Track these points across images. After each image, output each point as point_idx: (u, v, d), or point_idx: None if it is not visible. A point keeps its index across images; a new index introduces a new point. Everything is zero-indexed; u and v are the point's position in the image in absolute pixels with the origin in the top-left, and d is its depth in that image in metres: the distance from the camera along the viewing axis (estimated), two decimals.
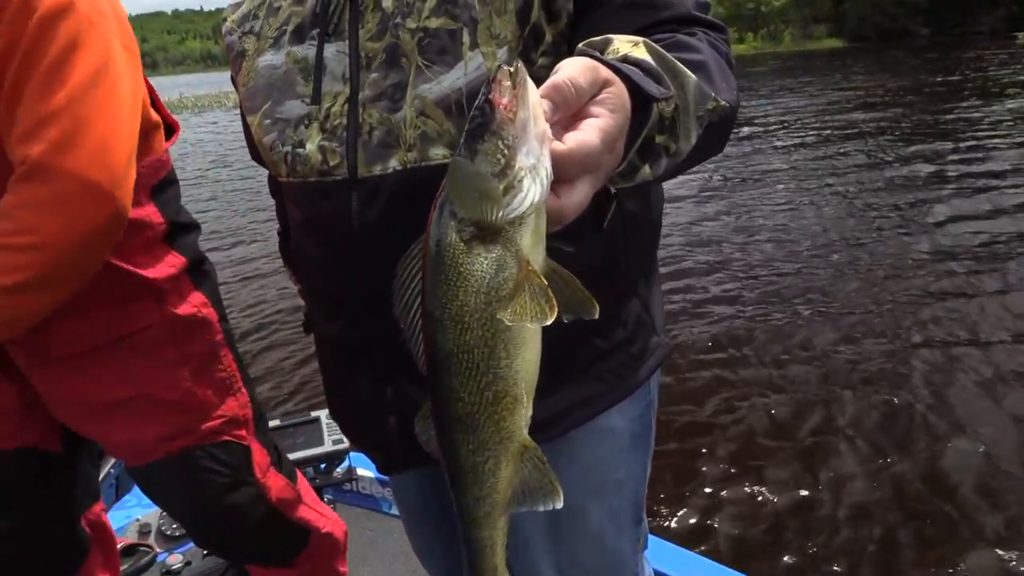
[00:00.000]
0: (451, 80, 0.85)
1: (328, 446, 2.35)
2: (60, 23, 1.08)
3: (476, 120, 0.52)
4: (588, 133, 0.54)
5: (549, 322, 0.50)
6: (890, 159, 9.72)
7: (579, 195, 0.55)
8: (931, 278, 5.21)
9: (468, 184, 0.50)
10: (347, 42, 0.92)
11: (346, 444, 2.38)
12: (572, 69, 0.56)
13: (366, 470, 2.59)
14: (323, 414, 2.47)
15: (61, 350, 1.33)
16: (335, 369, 1.11)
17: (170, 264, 1.41)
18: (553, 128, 0.54)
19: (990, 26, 54.92)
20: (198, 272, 1.49)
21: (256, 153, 1.20)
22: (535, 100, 0.52)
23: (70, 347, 1.33)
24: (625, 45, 0.66)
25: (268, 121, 0.99)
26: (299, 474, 1.77)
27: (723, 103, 0.74)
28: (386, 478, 2.53)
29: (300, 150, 0.95)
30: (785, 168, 9.56)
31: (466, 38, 0.85)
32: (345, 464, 2.51)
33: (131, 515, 2.43)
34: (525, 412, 0.56)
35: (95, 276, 1.20)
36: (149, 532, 2.36)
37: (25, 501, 1.47)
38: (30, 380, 1.40)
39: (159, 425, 1.44)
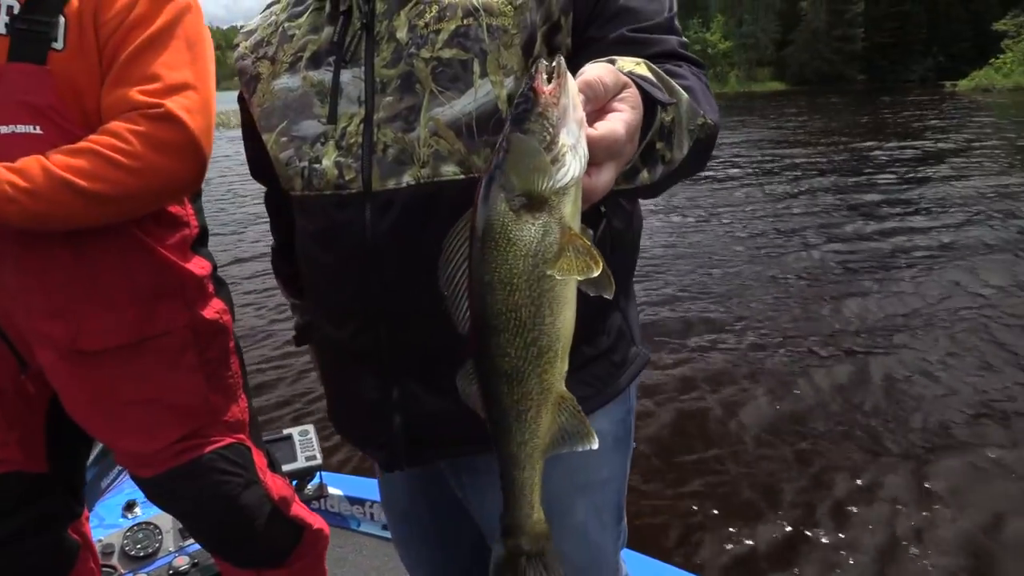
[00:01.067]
0: (462, 105, 0.93)
1: (301, 463, 2.35)
2: (187, 13, 1.31)
3: (521, 106, 0.59)
4: (615, 123, 0.62)
5: (597, 273, 0.57)
6: (807, 189, 10.89)
7: (607, 175, 0.63)
8: (842, 287, 6.17)
9: (523, 157, 0.57)
10: (363, 68, 0.99)
11: (318, 461, 2.39)
12: (600, 70, 0.64)
13: (336, 488, 2.59)
14: (295, 431, 2.48)
15: (88, 343, 1.33)
16: (341, 372, 1.15)
17: (200, 266, 1.45)
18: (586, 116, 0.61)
19: (920, 74, 58.14)
20: (218, 279, 1.52)
21: (258, 171, 1.27)
22: (575, 89, 0.60)
23: (98, 341, 1.34)
24: (629, 63, 0.75)
25: (285, 139, 1.06)
26: None
27: (709, 121, 0.84)
28: (356, 496, 2.55)
29: (316, 165, 1.01)
30: (715, 197, 10.37)
31: (476, 68, 0.93)
32: (316, 481, 2.51)
33: (93, 536, 2.38)
34: (563, 366, 0.63)
35: (137, 265, 1.31)
36: (112, 552, 2.31)
37: (12, 518, 1.47)
38: (49, 378, 1.39)
39: (173, 428, 1.44)
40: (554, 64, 0.60)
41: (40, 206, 1.14)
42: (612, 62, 0.76)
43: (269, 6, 1.19)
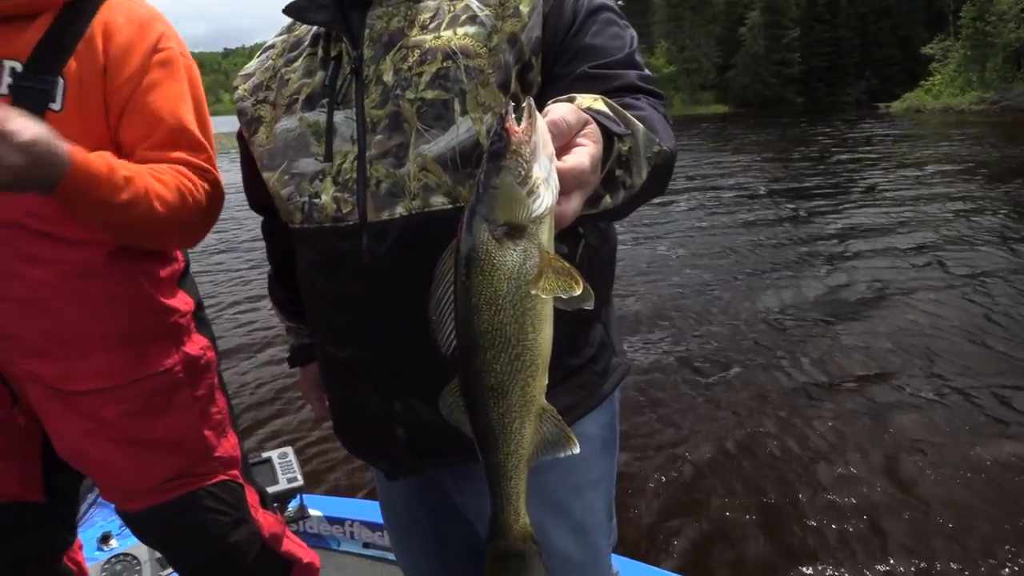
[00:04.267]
0: (446, 141, 1.01)
1: (282, 484, 2.37)
2: (192, 72, 1.40)
3: (496, 144, 0.66)
4: (580, 156, 0.70)
5: (578, 292, 0.63)
6: (747, 207, 11.38)
7: (575, 203, 0.70)
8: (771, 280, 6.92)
9: (502, 191, 0.63)
10: (354, 109, 1.07)
11: (300, 483, 2.41)
12: (563, 110, 0.72)
13: (316, 510, 2.60)
14: (275, 454, 2.49)
15: (78, 385, 1.34)
16: (345, 389, 1.21)
17: (184, 303, 1.47)
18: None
19: (855, 96, 60.55)
20: (200, 316, 1.54)
21: (255, 202, 1.34)
22: (544, 127, 0.67)
23: (88, 383, 1.34)
24: (588, 99, 0.83)
25: (286, 177, 1.13)
26: None
27: (665, 148, 0.93)
28: (336, 516, 2.56)
29: (316, 200, 1.09)
30: (661, 218, 10.70)
31: (457, 106, 1.02)
32: (296, 503, 2.52)
33: None
34: (543, 379, 0.68)
35: (127, 304, 1.34)
36: None
37: (11, 546, 1.46)
38: (38, 414, 1.39)
39: (163, 467, 1.45)
40: (524, 105, 0.66)
41: (120, 217, 1.19)
42: (572, 99, 0.83)
43: (265, 51, 1.26)
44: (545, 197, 0.64)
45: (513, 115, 0.66)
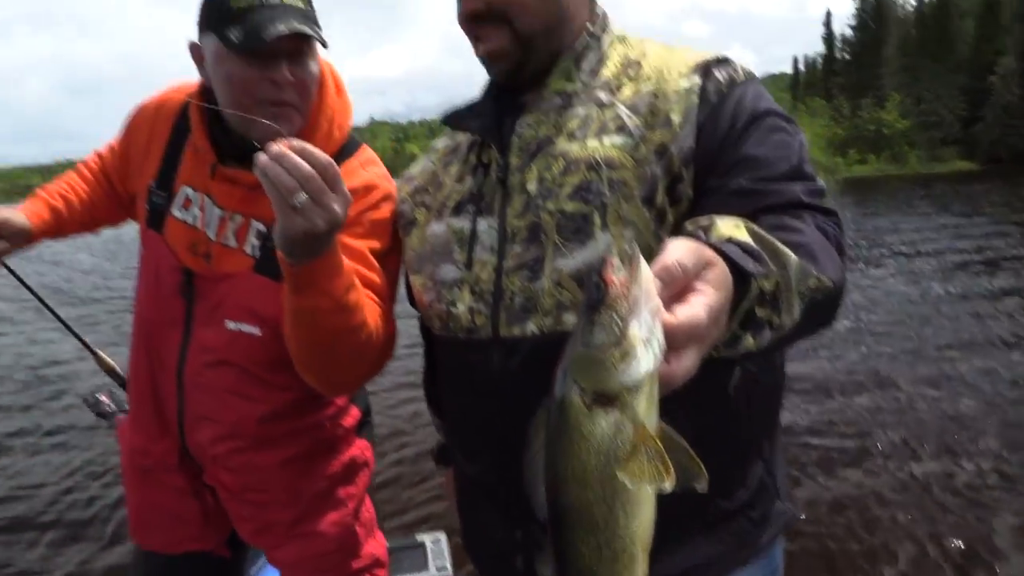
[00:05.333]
0: (584, 256, 0.95)
1: (432, 572, 2.37)
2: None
3: (591, 296, 0.59)
4: (696, 308, 0.60)
5: (668, 488, 0.53)
6: (987, 274, 9.44)
7: (688, 362, 0.60)
8: None
9: (591, 352, 0.56)
10: (496, 218, 1.05)
11: (449, 573, 2.38)
12: (678, 251, 0.62)
13: None
14: (428, 539, 2.50)
15: (257, 497, 1.48)
16: (471, 505, 1.19)
17: (351, 416, 1.57)
18: (663, 302, 0.59)
19: None
20: (365, 422, 1.64)
21: (412, 301, 1.33)
22: (648, 278, 0.58)
23: (265, 496, 1.48)
24: (728, 226, 0.74)
25: (430, 283, 1.13)
26: None
27: (826, 282, 0.79)
28: None
29: (453, 309, 1.07)
30: (906, 298, 8.95)
31: (597, 220, 0.96)
32: None
33: None
34: (641, 569, 0.59)
35: (301, 435, 1.46)
36: None
37: None
38: (223, 503, 1.55)
39: (320, 558, 1.53)
40: (629, 251, 0.59)
41: (337, 320, 1.14)
42: (712, 222, 0.75)
43: (428, 154, 1.29)
44: (644, 360, 0.56)
45: (615, 260, 0.59)
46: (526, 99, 1.09)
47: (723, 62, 1.01)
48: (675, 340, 0.59)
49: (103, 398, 2.03)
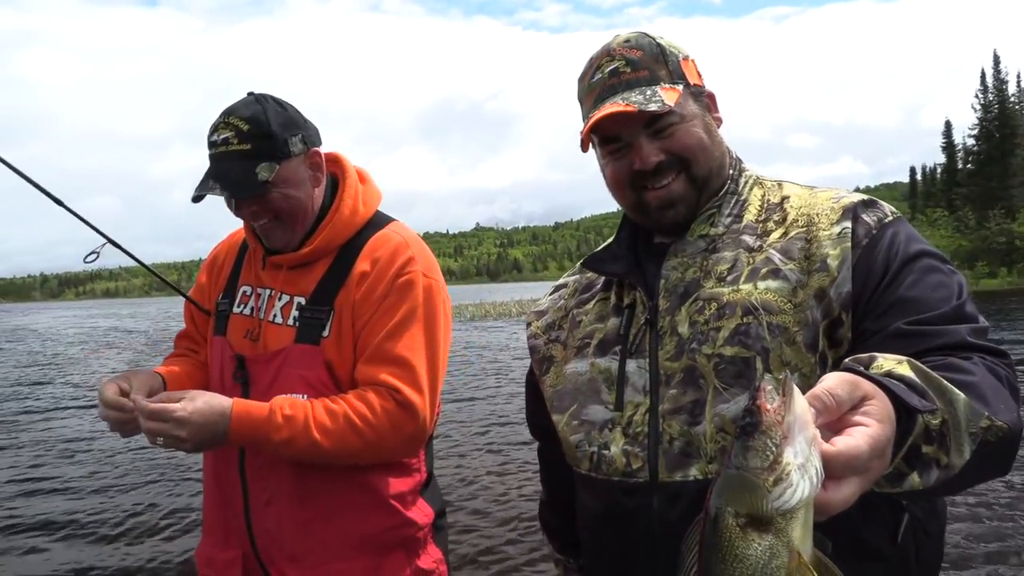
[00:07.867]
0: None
1: None
2: (427, 296, 1.52)
3: (745, 421, 0.62)
4: (857, 438, 0.62)
5: None
6: None
7: (847, 491, 0.62)
8: None
9: (740, 477, 0.59)
10: (647, 360, 1.07)
11: None
12: (831, 381, 0.65)
13: None
14: None
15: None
16: None
17: (424, 514, 1.57)
18: (820, 431, 0.61)
19: None
20: (439, 525, 1.63)
21: (536, 430, 1.37)
22: (803, 407, 0.61)
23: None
24: (890, 362, 0.74)
25: (576, 422, 1.14)
26: None
27: (999, 423, 0.77)
28: None
29: (605, 451, 1.08)
30: None
31: (759, 365, 0.97)
32: None
33: None
34: None
35: (366, 514, 1.47)
36: None
37: None
38: None
39: None
40: (781, 378, 0.62)
41: (287, 451, 1.40)
42: (873, 358, 0.76)
43: (557, 289, 1.32)
44: (800, 487, 0.58)
45: (770, 389, 0.62)
46: (668, 243, 1.12)
47: (870, 204, 1.02)
48: (833, 470, 0.60)
49: None
